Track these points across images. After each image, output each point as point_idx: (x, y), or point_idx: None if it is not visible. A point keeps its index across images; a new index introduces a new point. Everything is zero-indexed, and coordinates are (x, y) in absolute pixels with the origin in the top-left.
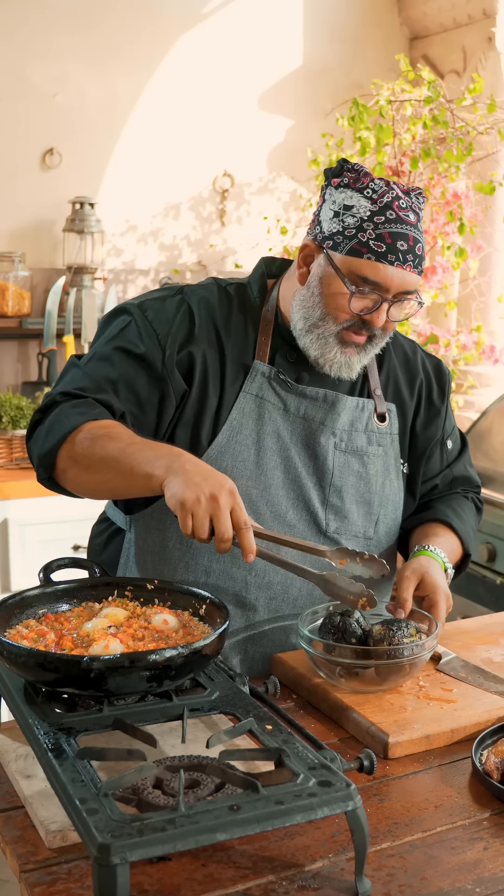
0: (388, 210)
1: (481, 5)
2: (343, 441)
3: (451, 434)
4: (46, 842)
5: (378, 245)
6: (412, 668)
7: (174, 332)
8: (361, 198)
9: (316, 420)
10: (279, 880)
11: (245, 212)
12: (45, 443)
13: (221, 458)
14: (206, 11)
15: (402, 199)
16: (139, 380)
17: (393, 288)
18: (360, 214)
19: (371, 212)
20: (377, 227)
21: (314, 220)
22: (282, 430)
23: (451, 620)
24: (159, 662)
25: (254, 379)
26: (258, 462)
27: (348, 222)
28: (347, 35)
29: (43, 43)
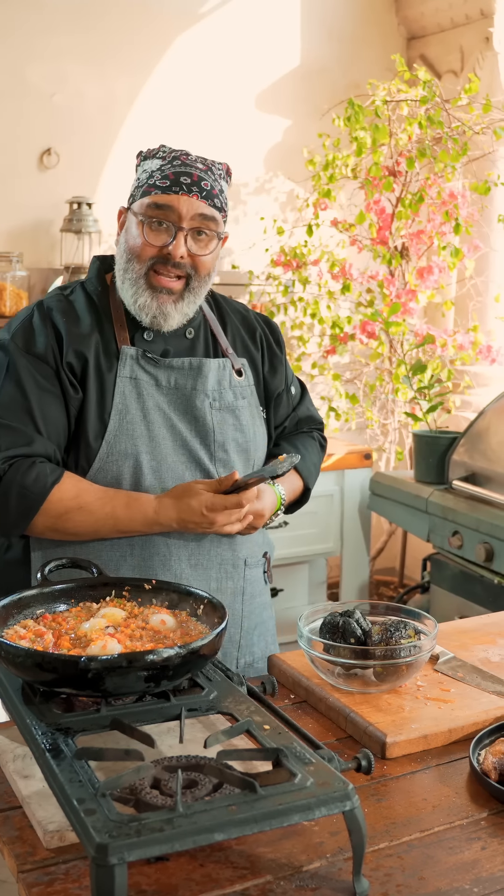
0: (175, 161)
1: (479, 5)
2: (216, 400)
3: (293, 380)
4: (44, 842)
5: (163, 182)
6: (410, 668)
7: (51, 348)
8: (155, 159)
9: (188, 387)
10: (277, 880)
11: (242, 212)
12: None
13: (118, 441)
14: (203, 11)
15: (192, 156)
16: (49, 407)
17: (183, 215)
18: (152, 168)
19: (160, 164)
20: (163, 171)
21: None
22: (161, 403)
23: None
24: (157, 662)
25: (124, 363)
26: (150, 435)
27: (142, 178)
28: (345, 35)
29: (41, 43)
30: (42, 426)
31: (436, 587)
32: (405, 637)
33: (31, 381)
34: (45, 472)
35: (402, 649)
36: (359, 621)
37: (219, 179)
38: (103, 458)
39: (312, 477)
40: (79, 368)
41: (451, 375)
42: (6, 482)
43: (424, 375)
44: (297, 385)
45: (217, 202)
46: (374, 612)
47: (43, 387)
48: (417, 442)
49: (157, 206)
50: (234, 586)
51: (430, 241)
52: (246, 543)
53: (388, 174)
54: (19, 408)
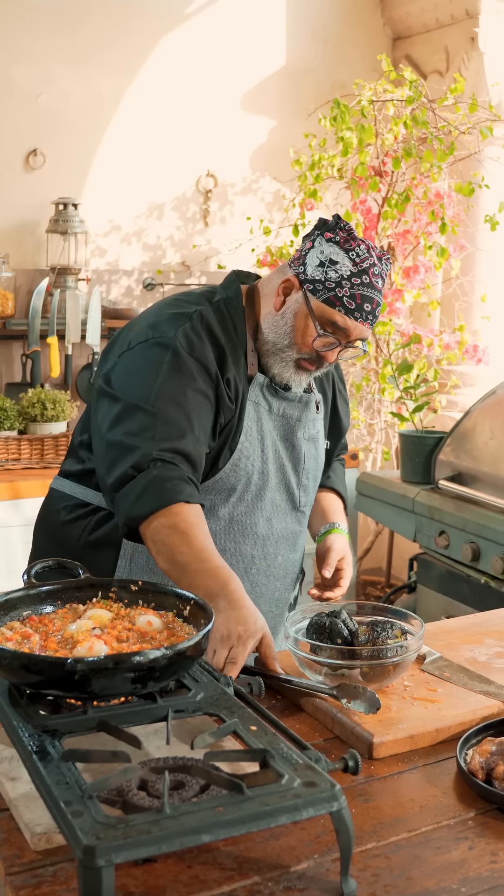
0: (364, 274)
1: (464, 5)
2: (307, 431)
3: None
4: (31, 844)
5: (350, 302)
6: (397, 669)
7: (213, 359)
8: (346, 258)
9: (293, 417)
10: (264, 881)
11: (229, 212)
12: (133, 508)
13: (241, 458)
14: (189, 12)
15: (376, 266)
16: (203, 411)
17: (352, 336)
18: (342, 272)
19: (351, 272)
20: (353, 286)
21: (299, 259)
22: (270, 429)
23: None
24: (143, 664)
25: (254, 388)
26: (263, 458)
27: (330, 275)
28: (330, 35)
29: (26, 44)
30: (196, 426)
31: (422, 587)
32: (392, 637)
33: (192, 383)
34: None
35: (389, 649)
36: (345, 622)
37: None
38: (227, 471)
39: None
40: (233, 385)
41: (437, 375)
42: (153, 475)
43: (410, 375)
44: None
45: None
46: (361, 613)
47: (202, 391)
48: (404, 442)
49: (335, 325)
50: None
51: (416, 240)
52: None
53: (375, 174)
54: (178, 403)
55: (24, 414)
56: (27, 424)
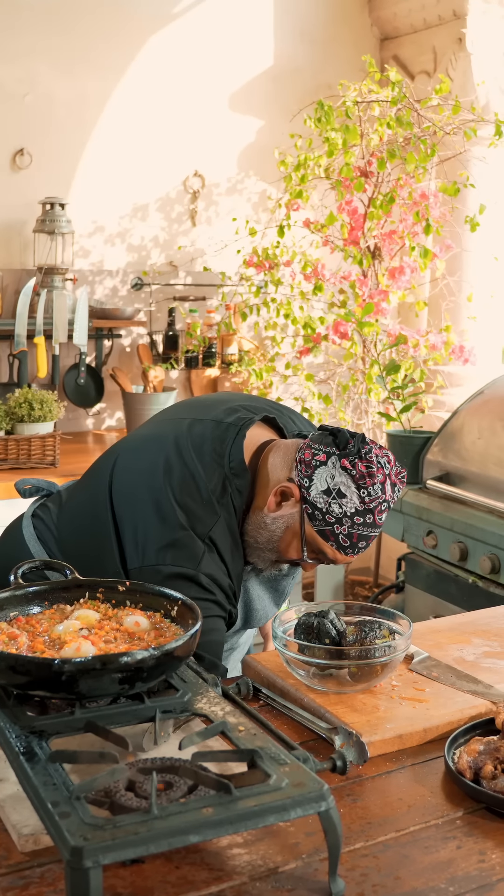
0: (369, 514)
1: (451, 6)
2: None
3: None
4: (19, 845)
5: (345, 541)
6: (385, 668)
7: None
8: (356, 495)
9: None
10: (252, 881)
11: (214, 213)
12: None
13: None
14: (176, 12)
15: (385, 503)
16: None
17: (338, 562)
18: (347, 509)
19: (356, 510)
20: (353, 525)
21: (307, 469)
22: (258, 589)
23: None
24: (131, 664)
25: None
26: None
27: (333, 509)
28: (318, 35)
29: (12, 44)
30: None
31: (410, 587)
32: (380, 637)
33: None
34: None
35: (377, 649)
36: (333, 622)
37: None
38: None
39: None
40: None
41: (423, 375)
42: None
43: (398, 376)
44: None
45: None
46: (349, 613)
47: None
48: (391, 442)
49: (324, 554)
50: None
51: (402, 241)
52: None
53: (360, 175)
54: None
55: (11, 414)
56: (14, 425)
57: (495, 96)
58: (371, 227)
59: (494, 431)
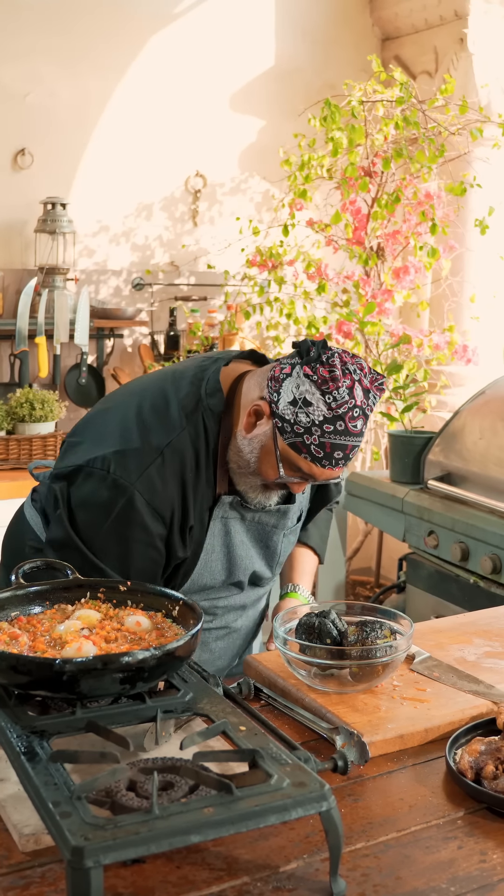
0: (339, 421)
1: (453, 6)
2: (287, 529)
3: None
4: (20, 845)
5: (318, 451)
6: (386, 669)
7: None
8: (321, 401)
9: (269, 524)
10: (254, 881)
11: (217, 212)
12: None
13: (200, 577)
14: (177, 12)
15: (356, 408)
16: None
17: (318, 479)
18: (314, 417)
19: (324, 418)
20: (323, 434)
21: (275, 384)
22: (243, 537)
23: (424, 620)
24: (132, 664)
25: (220, 507)
26: (229, 568)
27: (301, 419)
28: (319, 36)
29: (14, 43)
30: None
31: (412, 587)
32: (381, 637)
33: (141, 535)
34: None
35: (378, 649)
36: (334, 622)
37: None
38: (184, 591)
39: (324, 551)
40: (194, 523)
41: (427, 375)
42: None
43: (400, 375)
44: None
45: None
46: (350, 613)
47: (151, 544)
48: (393, 442)
49: (300, 470)
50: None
51: (405, 241)
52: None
53: (364, 175)
54: (118, 555)
55: (12, 414)
56: (15, 425)
57: (497, 96)
58: (375, 228)
59: (496, 432)
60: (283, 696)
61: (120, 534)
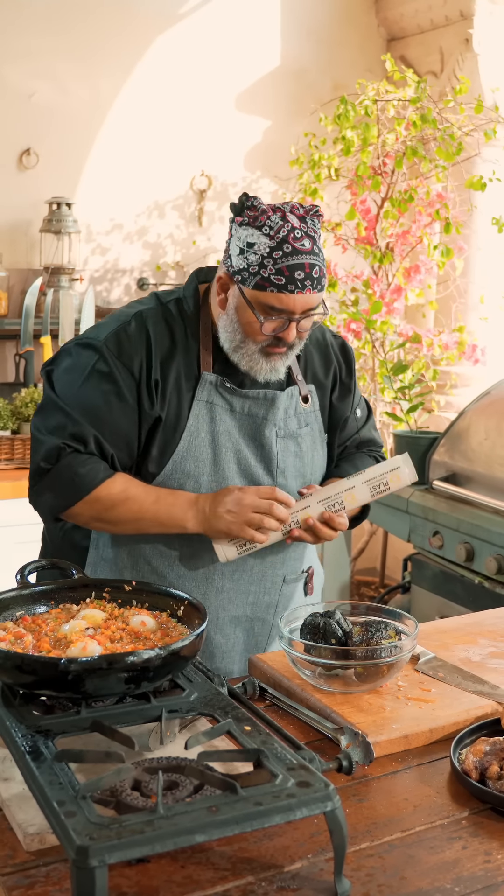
0: (284, 244)
1: (458, 7)
2: (281, 429)
3: (359, 403)
4: (24, 845)
5: (278, 279)
6: (391, 669)
7: (140, 361)
8: (261, 235)
9: (259, 416)
10: (258, 881)
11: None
12: (58, 500)
13: (184, 461)
14: (183, 12)
15: (297, 230)
16: (121, 418)
17: (297, 310)
18: (261, 251)
19: (270, 248)
20: (276, 262)
21: (225, 252)
22: (231, 429)
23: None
24: (137, 664)
25: (203, 388)
26: (215, 460)
27: (251, 259)
28: (325, 36)
29: (19, 43)
30: (108, 435)
31: (416, 587)
32: (386, 637)
33: (112, 388)
34: (99, 468)
35: (383, 650)
36: (339, 622)
37: (319, 244)
38: (167, 474)
39: None
40: (161, 387)
41: (436, 375)
42: (62, 466)
43: (405, 376)
44: (365, 408)
45: (324, 282)
46: (355, 613)
47: (122, 397)
48: (398, 442)
49: (272, 307)
50: (269, 600)
51: (416, 241)
52: (289, 562)
53: (375, 174)
54: (94, 408)
55: (17, 414)
56: (20, 424)
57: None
58: (386, 227)
59: (501, 432)
60: (288, 696)
61: (94, 388)
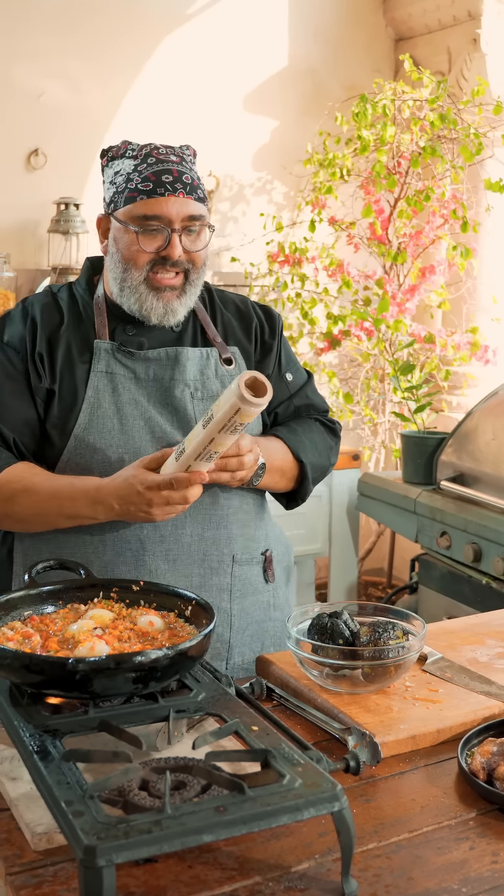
0: (148, 158)
1: (466, 7)
2: (198, 390)
3: (292, 368)
4: (32, 844)
5: (145, 185)
6: (399, 669)
7: (24, 338)
8: (125, 159)
9: (166, 378)
10: (265, 881)
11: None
12: None
13: (87, 434)
14: (190, 12)
15: (161, 148)
16: (13, 398)
17: (174, 217)
18: (126, 171)
19: (134, 165)
20: (141, 173)
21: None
22: (138, 397)
23: (436, 621)
24: (145, 664)
25: (99, 358)
26: (122, 429)
27: (119, 181)
28: (332, 36)
29: (28, 44)
30: (4, 416)
31: (424, 588)
32: (393, 638)
33: (6, 369)
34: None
35: (391, 650)
36: (347, 622)
37: (192, 167)
38: (71, 451)
39: (305, 450)
40: (49, 360)
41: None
42: None
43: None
44: (302, 373)
45: (200, 193)
46: (363, 613)
47: (11, 376)
48: (405, 442)
49: (145, 216)
50: (220, 582)
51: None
52: (238, 539)
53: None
54: None
55: None
56: None
57: None
58: (400, 227)
59: None
60: (296, 697)
61: None
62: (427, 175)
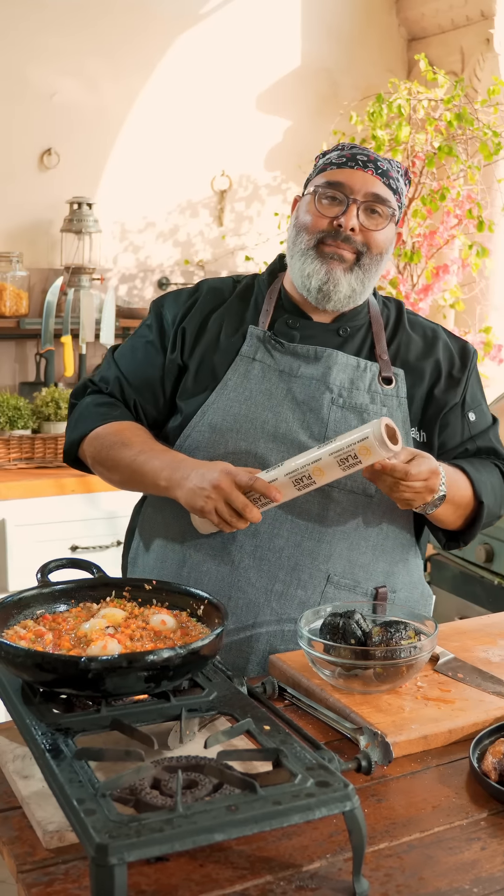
0: (351, 147)
1: (479, 7)
2: (341, 397)
3: (476, 408)
4: (44, 842)
5: (340, 159)
6: (410, 669)
7: (176, 312)
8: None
9: (309, 376)
10: (277, 881)
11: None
12: (70, 434)
13: (212, 413)
14: (203, 12)
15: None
16: (146, 364)
17: (357, 188)
18: (330, 153)
19: (336, 148)
20: (342, 151)
21: None
22: (275, 389)
23: (448, 621)
24: (157, 663)
25: (250, 343)
26: (248, 417)
27: (319, 163)
28: (345, 36)
29: (41, 43)
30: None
31: (436, 588)
32: (405, 638)
33: (146, 335)
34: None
35: (403, 650)
36: (359, 622)
37: (396, 172)
38: (193, 426)
39: (486, 492)
40: (193, 337)
41: None
42: (83, 402)
43: None
44: (487, 416)
45: (392, 184)
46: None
47: (153, 343)
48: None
49: (330, 183)
50: (305, 598)
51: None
52: (338, 560)
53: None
54: (123, 355)
55: (37, 413)
56: (41, 423)
57: None
58: (413, 227)
59: None
60: (308, 696)
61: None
62: (441, 175)
